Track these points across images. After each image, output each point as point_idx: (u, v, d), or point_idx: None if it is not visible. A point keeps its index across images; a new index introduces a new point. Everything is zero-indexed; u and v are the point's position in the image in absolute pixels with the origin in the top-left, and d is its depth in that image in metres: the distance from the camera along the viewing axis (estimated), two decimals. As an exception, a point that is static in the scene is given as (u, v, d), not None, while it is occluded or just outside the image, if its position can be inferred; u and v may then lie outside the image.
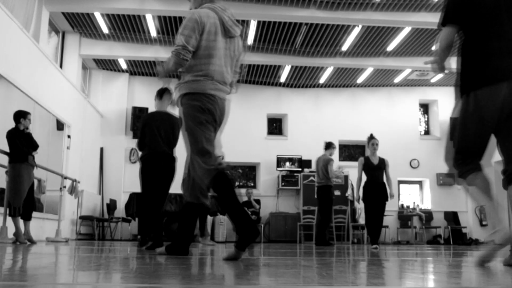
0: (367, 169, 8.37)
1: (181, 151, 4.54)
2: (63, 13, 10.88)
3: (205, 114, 3.54)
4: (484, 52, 2.90)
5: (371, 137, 8.54)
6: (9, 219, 7.11)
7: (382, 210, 8.28)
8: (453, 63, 3.15)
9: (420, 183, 15.48)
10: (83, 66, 13.32)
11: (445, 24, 3.06)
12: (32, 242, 7.28)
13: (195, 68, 3.57)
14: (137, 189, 6.70)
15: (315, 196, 10.04)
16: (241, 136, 14.43)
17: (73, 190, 9.58)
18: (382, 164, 8.42)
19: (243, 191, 14.02)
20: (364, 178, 8.56)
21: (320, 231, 9.59)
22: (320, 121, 15.11)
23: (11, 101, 8.83)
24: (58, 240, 8.79)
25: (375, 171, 8.33)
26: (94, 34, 11.92)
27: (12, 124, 7.29)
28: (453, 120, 3.18)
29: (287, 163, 14.40)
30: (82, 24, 11.42)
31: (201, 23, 3.56)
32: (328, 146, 9.94)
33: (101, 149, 13.84)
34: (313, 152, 14.49)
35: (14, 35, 8.42)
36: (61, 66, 11.84)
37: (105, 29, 11.47)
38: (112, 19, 11.01)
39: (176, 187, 5.16)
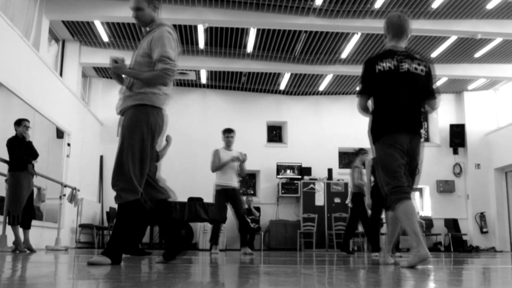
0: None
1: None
2: (63, 21, 10.92)
3: (152, 133, 3.62)
4: (388, 113, 3.97)
5: None
6: (8, 228, 7.10)
7: None
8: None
9: (420, 190, 15.46)
10: (83, 74, 13.34)
11: (360, 95, 4.13)
12: (32, 250, 7.26)
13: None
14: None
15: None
16: (240, 144, 14.36)
17: (72, 198, 9.57)
18: None
19: (243, 198, 14.00)
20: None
21: (344, 238, 9.38)
22: (320, 128, 15.11)
23: (11, 110, 8.83)
24: (58, 249, 8.76)
25: None
26: (94, 42, 11.95)
27: (12, 132, 7.29)
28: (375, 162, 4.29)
29: (287, 171, 14.40)
30: (82, 32, 11.45)
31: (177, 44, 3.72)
32: (357, 153, 9.43)
33: (101, 157, 13.84)
34: (313, 160, 14.52)
35: (14, 43, 8.44)
36: (61, 74, 11.86)
37: (105, 37, 11.50)
38: (112, 27, 11.04)
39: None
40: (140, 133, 3.56)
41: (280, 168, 14.36)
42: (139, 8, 3.71)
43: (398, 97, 3.94)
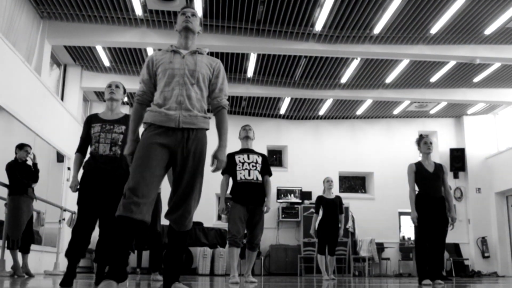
0: (420, 179, 6.37)
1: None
2: (65, 46, 11.01)
3: None
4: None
5: (422, 136, 6.61)
6: (7, 252, 7.05)
7: (442, 234, 6.23)
8: None
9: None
10: (84, 98, 13.41)
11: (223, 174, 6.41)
12: (30, 275, 7.20)
13: None
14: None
15: None
16: (241, 168, 14.39)
17: (72, 223, 9.51)
18: (440, 172, 6.40)
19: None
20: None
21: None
22: (320, 152, 15.13)
23: (12, 134, 8.85)
24: (57, 274, 8.69)
25: (431, 181, 6.33)
26: (95, 67, 12.03)
27: (13, 156, 7.29)
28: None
29: (287, 195, 14.36)
30: (83, 57, 11.55)
31: None
32: None
33: (101, 181, 13.79)
34: (313, 184, 14.49)
35: (16, 67, 8.50)
36: (62, 98, 11.92)
37: (106, 62, 11.58)
38: (113, 52, 11.13)
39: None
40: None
41: (280, 192, 14.33)
42: (195, 14, 3.51)
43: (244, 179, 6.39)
